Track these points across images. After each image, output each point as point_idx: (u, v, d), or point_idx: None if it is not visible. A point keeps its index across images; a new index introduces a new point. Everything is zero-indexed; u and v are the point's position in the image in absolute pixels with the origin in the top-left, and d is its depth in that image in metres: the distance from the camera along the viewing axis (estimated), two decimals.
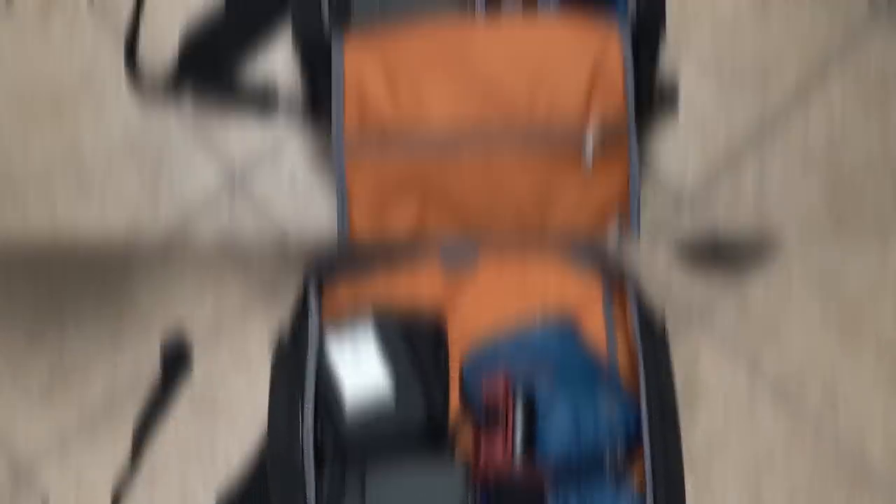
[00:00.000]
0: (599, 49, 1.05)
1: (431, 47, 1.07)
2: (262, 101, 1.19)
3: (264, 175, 1.21)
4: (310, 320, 1.13)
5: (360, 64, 1.06)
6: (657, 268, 1.26)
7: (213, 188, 1.22)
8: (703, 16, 1.25)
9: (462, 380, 1.16)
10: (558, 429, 1.10)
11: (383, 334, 1.13)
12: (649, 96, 1.12)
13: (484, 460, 1.07)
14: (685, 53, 1.24)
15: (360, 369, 1.11)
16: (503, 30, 1.08)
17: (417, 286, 1.16)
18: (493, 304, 1.16)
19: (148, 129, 1.22)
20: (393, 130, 1.05)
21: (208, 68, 1.21)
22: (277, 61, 1.23)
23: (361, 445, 1.07)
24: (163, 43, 1.24)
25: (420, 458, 1.08)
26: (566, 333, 1.18)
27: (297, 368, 1.10)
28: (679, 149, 1.23)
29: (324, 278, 1.13)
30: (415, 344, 1.14)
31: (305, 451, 1.04)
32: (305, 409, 1.07)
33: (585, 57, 1.05)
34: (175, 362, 1.26)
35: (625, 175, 1.07)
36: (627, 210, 1.08)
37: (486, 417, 1.10)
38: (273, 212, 1.19)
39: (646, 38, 1.07)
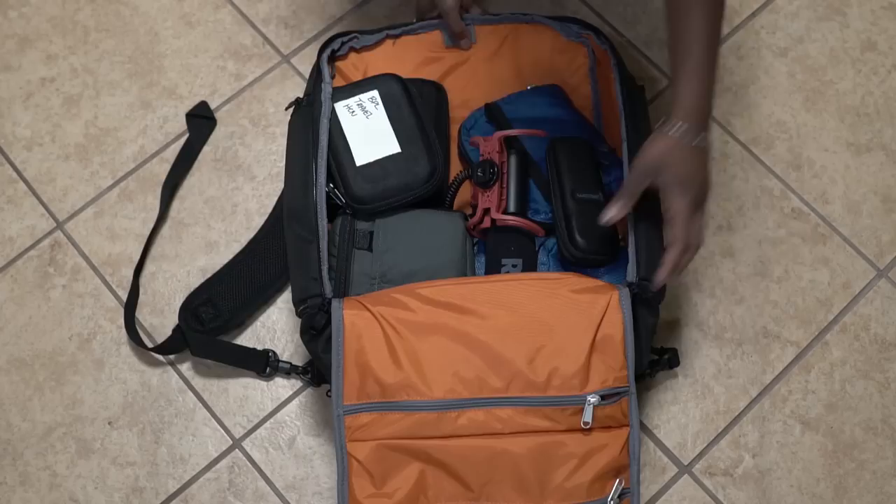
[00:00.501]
0: (601, 309, 1.02)
1: (429, 307, 1.04)
2: (262, 362, 1.17)
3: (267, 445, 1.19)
4: (323, 85, 1.14)
5: (358, 323, 1.03)
6: None
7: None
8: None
9: (460, 138, 1.19)
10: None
11: (389, 96, 1.15)
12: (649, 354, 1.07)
13: (481, 212, 1.11)
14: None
15: (369, 128, 1.14)
16: (505, 289, 1.05)
17: None
18: None
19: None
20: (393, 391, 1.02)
21: (209, 326, 1.18)
22: (276, 323, 1.20)
23: (369, 199, 1.10)
24: (163, 305, 1.20)
25: (424, 209, 1.13)
26: (556, 93, 1.20)
27: (310, 128, 1.13)
28: None
29: None
30: (418, 105, 1.16)
31: (318, 205, 1.07)
32: (318, 167, 1.09)
33: (590, 316, 1.02)
34: (200, 123, 1.28)
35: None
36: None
37: (483, 173, 1.13)
38: (275, 479, 1.17)
39: (644, 297, 1.04)
